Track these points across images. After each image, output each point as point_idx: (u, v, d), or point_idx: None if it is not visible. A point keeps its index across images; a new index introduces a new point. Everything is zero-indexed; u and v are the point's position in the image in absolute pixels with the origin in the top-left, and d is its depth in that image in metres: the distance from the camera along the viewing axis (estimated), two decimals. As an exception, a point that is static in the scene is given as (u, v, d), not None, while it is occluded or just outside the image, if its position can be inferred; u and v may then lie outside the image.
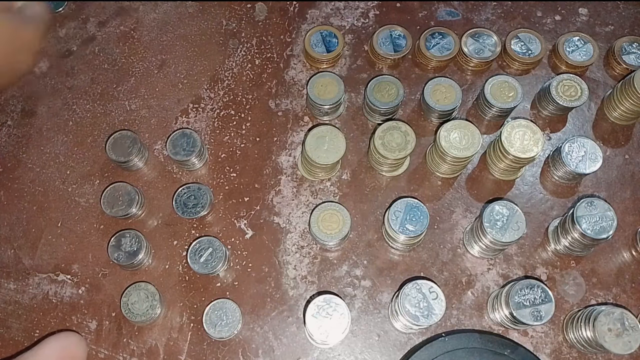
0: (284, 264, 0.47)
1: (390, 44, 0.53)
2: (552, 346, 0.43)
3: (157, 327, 0.45)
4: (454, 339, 0.40)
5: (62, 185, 0.50)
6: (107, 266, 0.47)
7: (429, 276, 0.46)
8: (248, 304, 0.45)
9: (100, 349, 0.44)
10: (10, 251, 0.48)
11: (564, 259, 0.46)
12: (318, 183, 0.49)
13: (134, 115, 0.52)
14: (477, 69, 0.53)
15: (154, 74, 0.54)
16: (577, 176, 0.47)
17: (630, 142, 0.51)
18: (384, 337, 0.44)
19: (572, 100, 0.49)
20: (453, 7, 0.57)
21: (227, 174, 0.50)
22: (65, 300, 0.46)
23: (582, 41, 0.53)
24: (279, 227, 0.48)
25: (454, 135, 0.45)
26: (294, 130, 0.51)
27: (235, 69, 0.54)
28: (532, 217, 0.47)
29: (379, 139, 0.46)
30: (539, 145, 0.45)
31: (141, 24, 0.56)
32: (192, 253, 0.45)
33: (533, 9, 0.56)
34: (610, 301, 0.45)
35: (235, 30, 0.56)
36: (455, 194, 0.49)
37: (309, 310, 0.41)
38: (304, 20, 0.56)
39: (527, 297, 0.40)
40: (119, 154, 0.48)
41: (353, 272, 0.46)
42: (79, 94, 0.53)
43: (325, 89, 0.50)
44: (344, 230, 0.45)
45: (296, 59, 0.54)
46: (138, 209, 0.48)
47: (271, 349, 0.44)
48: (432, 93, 0.49)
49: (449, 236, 0.47)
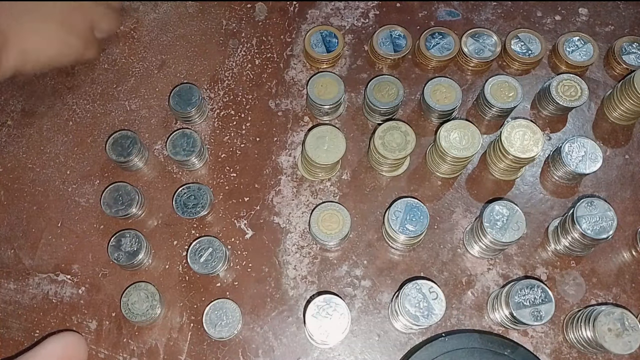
0: (284, 264, 0.47)
1: (390, 44, 0.53)
2: (552, 346, 0.43)
3: (157, 327, 0.45)
4: (454, 339, 0.40)
5: (62, 185, 0.50)
6: (107, 266, 0.47)
7: (429, 276, 0.46)
8: (248, 304, 0.45)
9: (100, 349, 0.44)
10: (10, 251, 0.48)
11: (564, 259, 0.46)
12: (318, 183, 0.49)
13: (134, 115, 0.52)
14: (477, 69, 0.53)
15: (154, 74, 0.54)
16: (577, 176, 0.47)
17: (630, 142, 0.51)
18: (384, 337, 0.44)
19: (572, 100, 0.49)
20: (453, 7, 0.57)
21: (227, 174, 0.50)
22: (65, 300, 0.46)
23: (582, 41, 0.53)
24: (279, 227, 0.48)
25: (454, 135, 0.45)
26: (294, 130, 0.51)
27: (235, 69, 0.54)
28: (532, 217, 0.47)
29: (379, 139, 0.46)
30: (539, 145, 0.45)
31: (141, 24, 0.56)
32: (192, 253, 0.45)
33: (533, 9, 0.56)
34: (610, 301, 0.45)
35: (235, 30, 0.56)
36: (455, 194, 0.49)
37: (309, 310, 0.41)
38: (304, 20, 0.56)
39: (527, 297, 0.40)
40: (119, 154, 0.48)
41: (353, 272, 0.46)
42: (79, 94, 0.53)
43: (325, 89, 0.50)
44: (344, 230, 0.45)
45: (296, 59, 0.54)
46: (138, 209, 0.48)
47: (271, 349, 0.44)
48: (432, 93, 0.49)
49: (449, 236, 0.47)
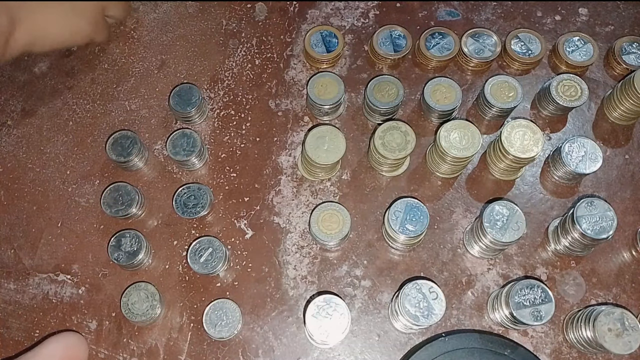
0: (284, 264, 0.47)
1: (390, 44, 0.53)
2: (552, 346, 0.43)
3: (157, 327, 0.45)
4: (454, 339, 0.40)
5: (62, 185, 0.50)
6: (107, 266, 0.47)
7: (429, 276, 0.46)
8: (248, 304, 0.45)
9: (100, 349, 0.44)
10: (10, 251, 0.48)
11: (564, 259, 0.46)
12: (318, 183, 0.49)
13: (134, 115, 0.52)
14: (477, 69, 0.53)
15: (154, 74, 0.54)
16: (577, 176, 0.47)
17: (630, 142, 0.51)
18: (384, 337, 0.44)
19: (572, 100, 0.49)
20: (453, 7, 0.56)
21: (227, 174, 0.50)
22: (65, 300, 0.46)
23: (582, 41, 0.53)
24: (279, 227, 0.48)
25: (454, 135, 0.45)
26: (294, 130, 0.51)
27: (235, 69, 0.54)
28: (532, 217, 0.47)
29: (379, 139, 0.46)
30: (539, 145, 0.45)
31: (141, 24, 0.56)
32: (192, 253, 0.45)
33: (533, 9, 0.56)
34: (610, 301, 0.45)
35: (235, 30, 0.56)
36: (455, 194, 0.49)
37: (309, 310, 0.41)
38: (304, 20, 0.56)
39: (527, 297, 0.40)
40: (119, 154, 0.48)
41: (353, 272, 0.46)
42: (79, 94, 0.53)
43: (325, 89, 0.50)
44: (344, 230, 0.45)
45: (296, 59, 0.54)
46: (138, 209, 0.48)
47: (271, 349, 0.44)
48: (432, 93, 0.49)
49: (449, 236, 0.47)
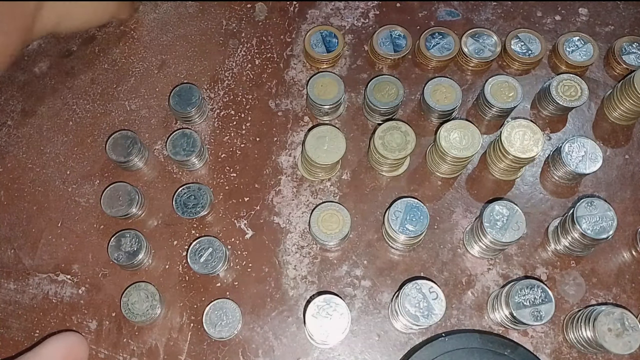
0: (284, 264, 0.47)
1: (390, 44, 0.53)
2: (552, 346, 0.43)
3: (157, 327, 0.45)
4: (454, 339, 0.40)
5: (62, 185, 0.50)
6: (107, 266, 0.47)
7: (429, 276, 0.46)
8: (248, 304, 0.45)
9: (100, 349, 0.44)
10: (10, 251, 0.48)
11: (564, 259, 0.46)
12: (318, 183, 0.49)
13: (134, 115, 0.52)
14: (477, 69, 0.53)
15: (154, 74, 0.54)
16: (577, 176, 0.47)
17: (630, 142, 0.51)
18: (384, 337, 0.44)
19: (572, 100, 0.49)
20: (453, 7, 0.56)
21: (227, 174, 0.50)
22: (65, 300, 0.46)
23: (582, 41, 0.53)
24: (279, 227, 0.48)
25: (454, 135, 0.45)
26: (294, 130, 0.51)
27: (235, 69, 0.54)
28: (532, 217, 0.47)
29: (379, 139, 0.46)
30: (539, 145, 0.45)
31: (141, 24, 0.56)
32: (192, 253, 0.45)
33: (533, 9, 0.56)
34: (610, 301, 0.45)
35: (235, 30, 0.56)
36: (455, 194, 0.49)
37: (309, 310, 0.41)
38: (304, 20, 0.56)
39: (527, 297, 0.40)
40: (119, 154, 0.48)
41: (353, 272, 0.46)
42: (79, 94, 0.53)
43: (325, 89, 0.50)
44: (344, 230, 0.45)
45: (296, 59, 0.54)
46: (138, 209, 0.48)
47: (271, 349, 0.44)
48: (432, 93, 0.49)
49: (449, 236, 0.47)
